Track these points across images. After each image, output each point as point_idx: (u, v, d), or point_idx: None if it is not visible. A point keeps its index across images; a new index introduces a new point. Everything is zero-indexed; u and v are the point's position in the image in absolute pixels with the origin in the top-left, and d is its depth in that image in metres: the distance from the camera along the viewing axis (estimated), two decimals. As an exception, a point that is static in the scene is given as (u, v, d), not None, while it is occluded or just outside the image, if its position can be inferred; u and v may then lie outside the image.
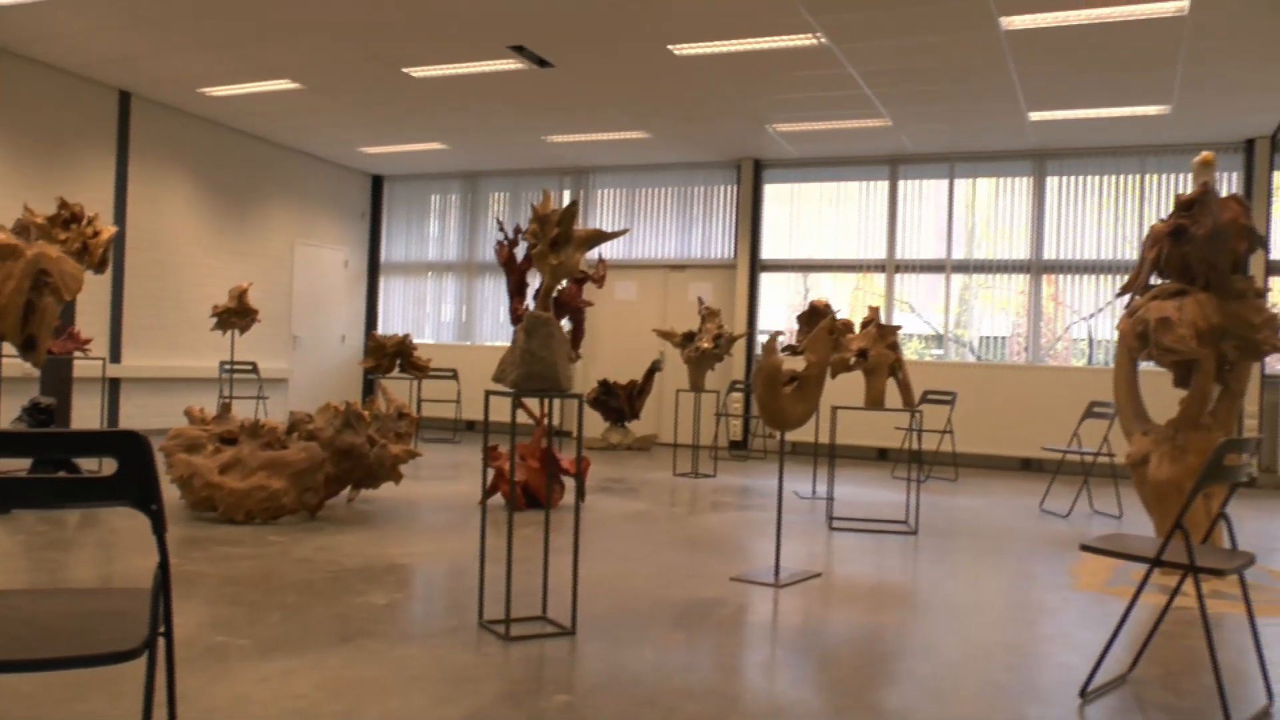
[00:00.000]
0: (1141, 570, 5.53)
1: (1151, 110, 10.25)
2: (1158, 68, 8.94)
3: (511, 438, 4.06)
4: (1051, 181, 12.17)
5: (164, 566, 2.14)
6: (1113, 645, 3.96)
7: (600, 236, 4.08)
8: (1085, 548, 3.89)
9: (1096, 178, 12.03)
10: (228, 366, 11.64)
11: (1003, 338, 12.63)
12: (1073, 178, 12.11)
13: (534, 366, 3.87)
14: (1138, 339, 6.41)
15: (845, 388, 11.88)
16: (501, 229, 7.25)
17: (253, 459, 6.63)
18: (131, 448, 2.03)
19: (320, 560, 5.45)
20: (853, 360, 6.63)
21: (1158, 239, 6.53)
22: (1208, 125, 10.74)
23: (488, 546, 5.98)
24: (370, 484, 7.03)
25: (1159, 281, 6.65)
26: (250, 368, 12.02)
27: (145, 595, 2.26)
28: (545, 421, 5.00)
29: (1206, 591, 5.58)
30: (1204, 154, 6.13)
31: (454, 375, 13.35)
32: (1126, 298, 7.14)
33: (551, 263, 3.91)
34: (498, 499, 7.75)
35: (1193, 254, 6.33)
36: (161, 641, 2.16)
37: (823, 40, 8.45)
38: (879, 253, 12.84)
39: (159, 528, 2.10)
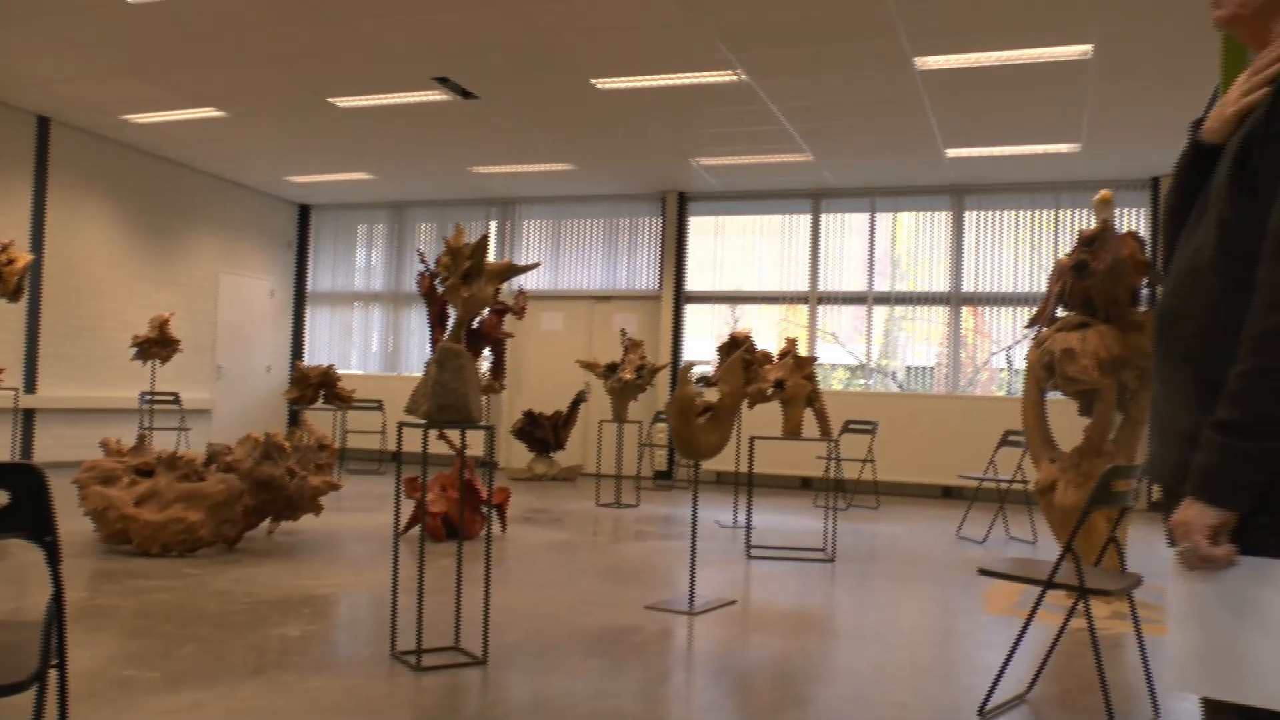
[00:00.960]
0: (1053, 594, 5.69)
1: (1063, 148, 10.58)
2: (1067, 108, 9.24)
3: (423, 469, 4.09)
4: (970, 216, 12.48)
5: (57, 599, 2.15)
6: (1010, 665, 4.08)
7: (513, 270, 4.14)
8: (983, 572, 4.02)
9: (1013, 212, 12.36)
10: (148, 397, 11.48)
11: (928, 367, 12.87)
12: (990, 212, 12.43)
13: (446, 399, 3.92)
14: (1044, 369, 6.61)
15: (766, 417, 12.02)
16: (423, 260, 7.29)
17: (169, 491, 6.56)
18: (25, 480, 2.05)
19: (236, 592, 5.41)
20: (770, 391, 6.75)
21: (1062, 273, 6.76)
22: (1115, 163, 11.10)
23: (405, 578, 5.98)
24: (290, 516, 6.99)
25: (1064, 314, 6.87)
26: (172, 398, 11.86)
27: (38, 628, 2.26)
28: (464, 452, 5.04)
29: (1109, 613, 5.75)
30: (1103, 192, 6.36)
31: (379, 406, 13.29)
32: (1036, 329, 7.40)
33: (463, 295, 3.96)
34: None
35: (1094, 288, 6.57)
36: (55, 674, 2.17)
37: (743, 77, 8.62)
38: (803, 284, 13.05)
39: (53, 559, 2.11)
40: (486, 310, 7.40)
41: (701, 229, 13.61)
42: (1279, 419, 1.63)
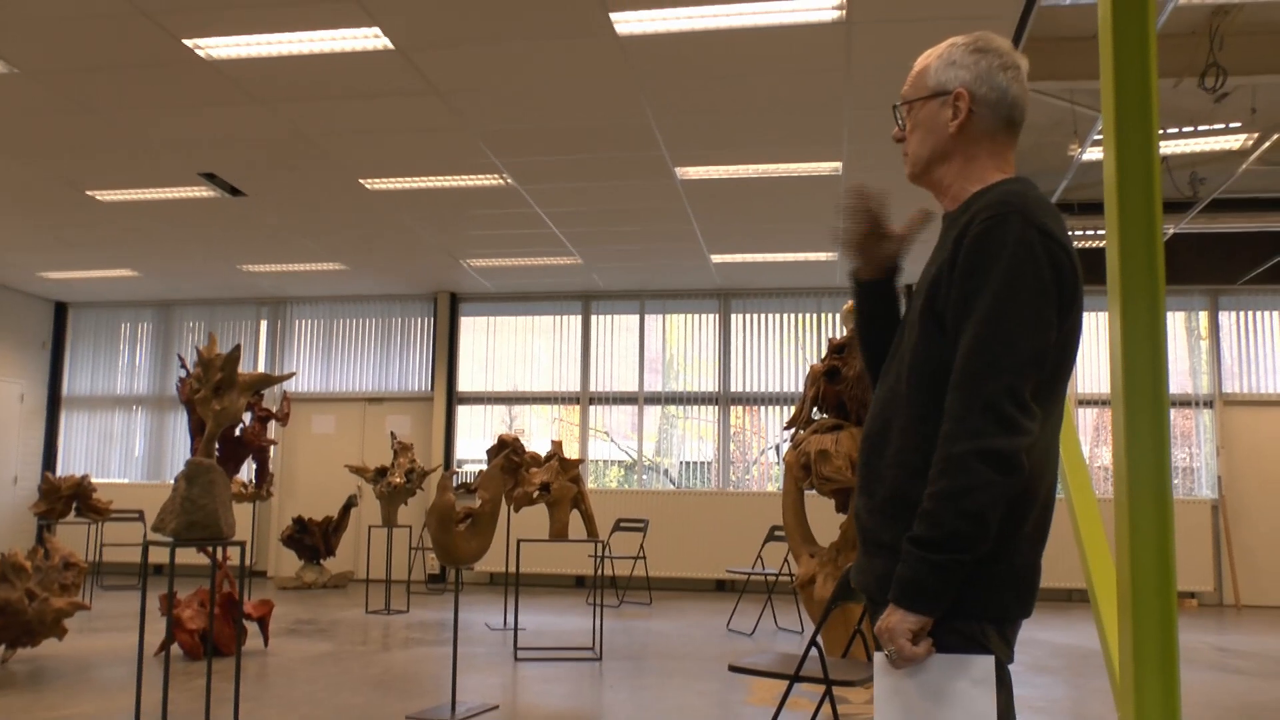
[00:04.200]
0: (814, 685, 5.92)
1: (820, 256, 11.23)
2: (821, 219, 9.84)
3: (169, 585, 3.95)
4: (736, 318, 13.02)
5: None
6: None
7: (267, 380, 4.10)
8: (734, 668, 4.17)
9: (777, 315, 12.97)
10: None
11: (706, 463, 13.21)
12: (756, 315, 13.00)
13: (194, 515, 3.81)
14: (801, 469, 6.95)
15: (535, 518, 12.06)
16: (184, 365, 7.07)
17: (-112, 618, 6.04)
18: None
19: (-40, 728, 5.02)
20: (535, 494, 6.83)
21: (815, 378, 7.17)
22: (868, 270, 11.81)
23: (153, 703, 5.68)
24: (29, 642, 6.54)
25: (820, 416, 7.27)
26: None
27: None
28: (222, 564, 4.88)
29: (867, 698, 6.02)
30: (850, 302, 6.81)
31: (140, 517, 12.60)
32: (794, 430, 7.80)
33: (215, 408, 3.89)
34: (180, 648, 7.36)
35: (845, 392, 7.00)
36: None
37: (509, 181, 8.81)
38: (575, 385, 13.25)
39: None
40: (249, 417, 7.21)
41: (474, 329, 13.67)
42: (965, 535, 1.82)
